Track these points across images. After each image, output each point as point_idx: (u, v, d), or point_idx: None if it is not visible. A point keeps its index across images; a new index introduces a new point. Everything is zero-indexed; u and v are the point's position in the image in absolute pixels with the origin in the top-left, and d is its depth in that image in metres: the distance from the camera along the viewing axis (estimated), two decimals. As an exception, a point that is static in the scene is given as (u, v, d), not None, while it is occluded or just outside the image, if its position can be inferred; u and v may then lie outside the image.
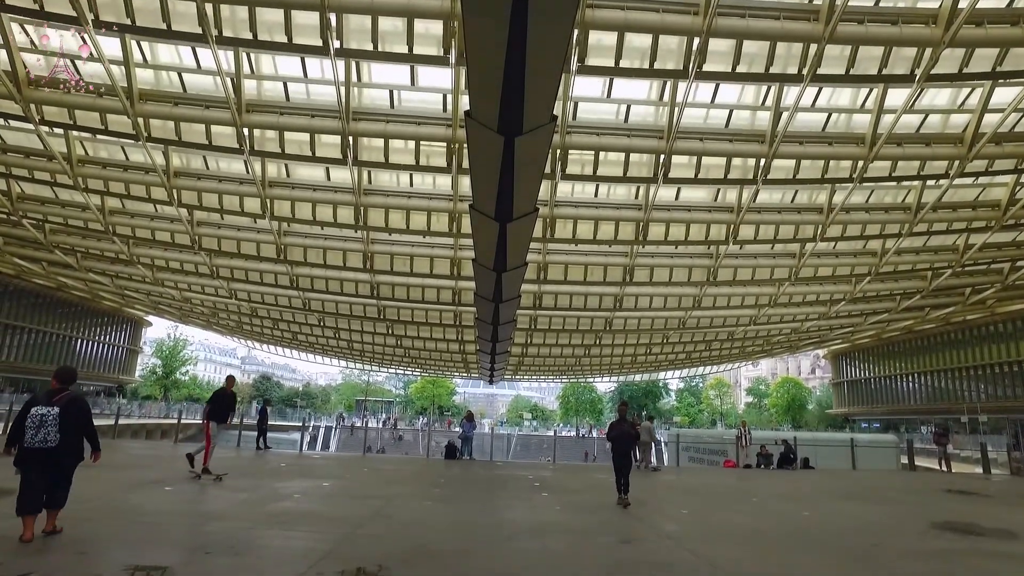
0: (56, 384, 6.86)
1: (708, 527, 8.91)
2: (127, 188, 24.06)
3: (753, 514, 10.53)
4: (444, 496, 11.36)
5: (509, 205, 15.20)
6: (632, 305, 34.90)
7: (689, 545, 7.26)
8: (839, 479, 18.32)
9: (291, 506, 9.01)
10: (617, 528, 8.46)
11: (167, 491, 9.83)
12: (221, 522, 7.49)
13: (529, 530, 8.04)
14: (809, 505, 11.71)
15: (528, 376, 75.80)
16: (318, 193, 23.80)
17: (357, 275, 31.70)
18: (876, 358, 67.72)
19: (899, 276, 32.60)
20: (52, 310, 56.69)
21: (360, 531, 7.39)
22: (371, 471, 15.90)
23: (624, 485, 10.54)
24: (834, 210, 23.42)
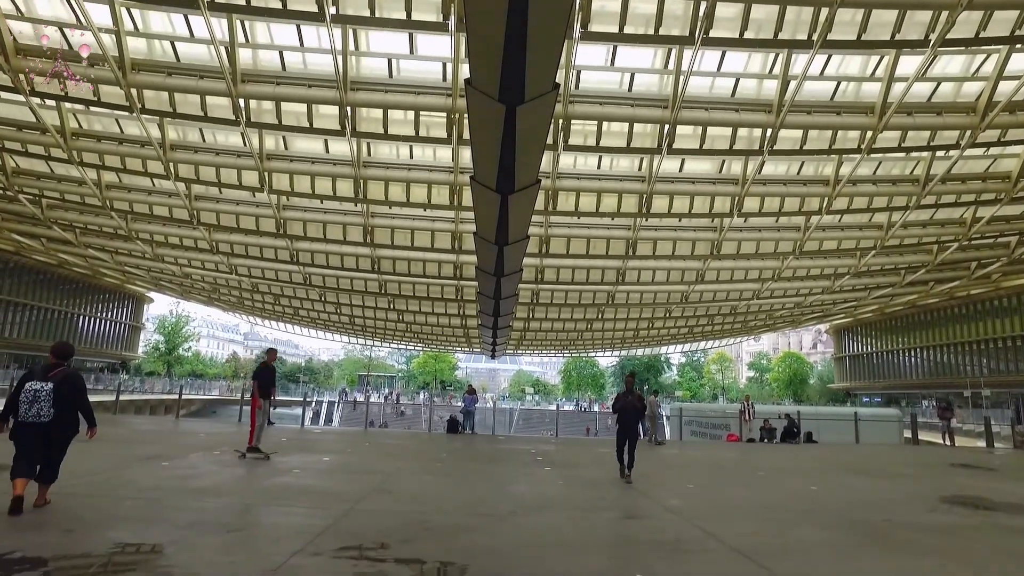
0: (53, 360, 6.88)
1: (714, 502, 8.75)
2: (123, 162, 23.70)
3: (760, 488, 10.38)
4: (445, 471, 11.22)
5: (511, 177, 14.93)
6: (635, 279, 34.62)
7: (696, 520, 7.09)
8: (843, 453, 18.21)
9: (290, 481, 8.85)
10: (621, 503, 8.30)
11: (164, 466, 9.68)
12: (217, 498, 7.33)
13: (532, 505, 7.89)
14: (816, 479, 11.55)
15: (530, 351, 75.87)
16: (317, 166, 23.43)
17: (357, 249, 31.42)
18: (878, 332, 67.63)
19: (904, 250, 32.26)
20: (54, 287, 56.62)
21: (360, 507, 7.22)
22: (372, 446, 15.79)
23: (629, 460, 10.27)
24: (840, 182, 23.02)
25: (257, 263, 35.62)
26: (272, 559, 4.84)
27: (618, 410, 10.59)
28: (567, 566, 5.06)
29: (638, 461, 10.15)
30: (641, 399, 11.00)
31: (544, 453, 15.39)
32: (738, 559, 5.44)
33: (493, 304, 29.48)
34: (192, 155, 23.13)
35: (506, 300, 29.01)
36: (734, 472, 12.80)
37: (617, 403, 10.75)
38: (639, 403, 10.73)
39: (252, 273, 38.12)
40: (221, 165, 23.67)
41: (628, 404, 10.49)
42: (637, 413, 10.69)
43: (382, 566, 4.83)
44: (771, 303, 42.99)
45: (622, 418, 10.47)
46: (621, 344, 64.27)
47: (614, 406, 10.81)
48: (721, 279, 35.47)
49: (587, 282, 34.59)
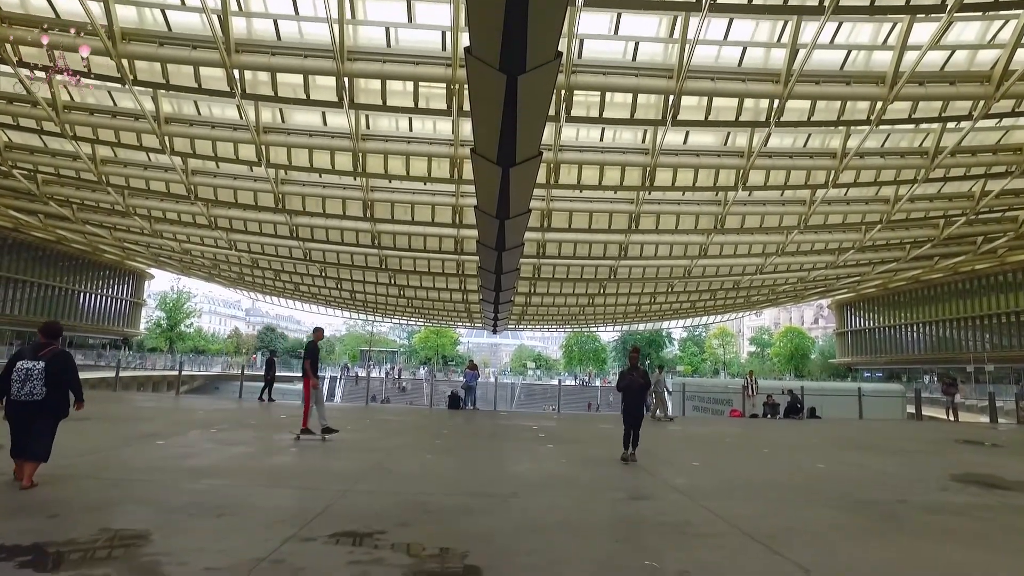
0: (43, 339, 6.92)
1: (721, 480, 8.54)
2: (117, 136, 23.32)
3: (766, 466, 10.19)
4: (446, 448, 11.03)
5: (512, 149, 14.64)
6: (637, 253, 34.31)
7: (703, 501, 6.89)
8: (848, 429, 18.04)
9: (287, 461, 8.66)
10: (626, 482, 8.09)
11: (159, 445, 9.49)
12: (211, 479, 7.12)
13: (534, 484, 7.69)
14: (822, 456, 11.37)
15: (532, 326, 75.77)
16: (314, 139, 23.04)
17: (357, 224, 31.11)
18: (881, 308, 67.47)
19: (910, 224, 31.89)
20: (54, 264, 56.44)
21: (357, 487, 7.03)
22: (373, 422, 15.61)
23: (633, 439, 9.79)
24: (848, 155, 22.62)
25: (256, 238, 35.32)
26: (263, 545, 4.63)
27: (623, 388, 10.03)
28: (572, 551, 4.86)
29: (642, 439, 9.92)
30: (646, 375, 10.30)
31: (546, 429, 15.22)
32: (749, 544, 5.24)
33: (494, 279, 29.23)
34: (188, 128, 22.73)
35: (507, 275, 28.76)
36: (739, 449, 12.62)
37: (622, 381, 10.10)
38: (644, 379, 10.09)
39: (252, 249, 37.83)
40: (217, 139, 23.29)
41: (633, 382, 9.90)
42: (643, 391, 10.21)
43: (378, 552, 4.63)
44: (774, 278, 42.71)
45: (628, 397, 9.95)
46: (623, 319, 64.09)
47: (619, 384, 10.19)
48: (724, 254, 35.15)
49: (589, 256, 34.30)
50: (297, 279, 46.94)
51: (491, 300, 38.00)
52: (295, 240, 34.38)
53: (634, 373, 10.01)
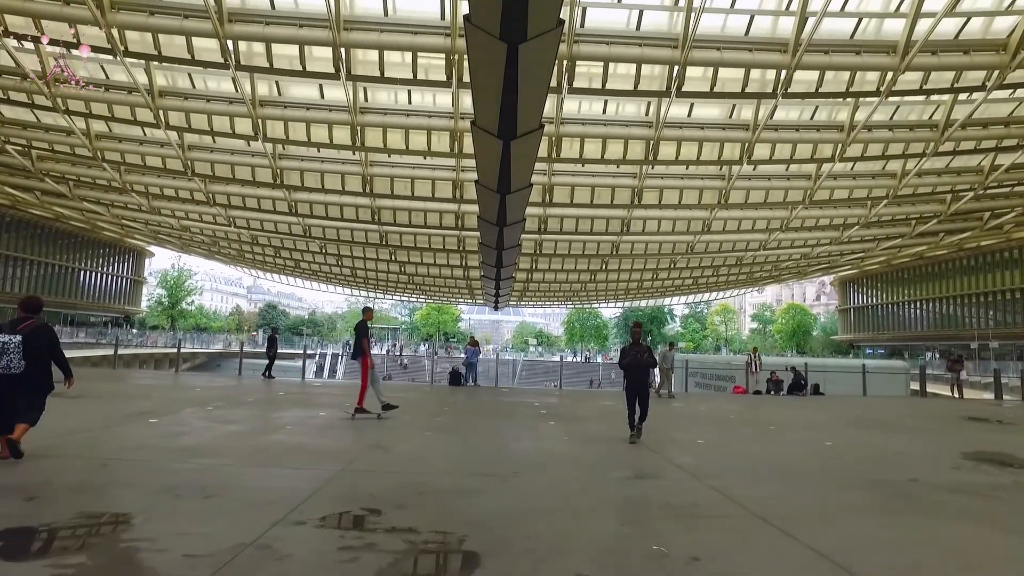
0: (22, 313, 6.89)
1: (728, 459, 8.32)
2: (110, 110, 22.91)
3: (773, 444, 9.97)
4: (446, 426, 10.80)
5: (513, 121, 14.33)
6: (640, 229, 33.95)
7: (710, 480, 6.66)
8: (853, 406, 17.82)
9: (281, 439, 8.42)
10: (630, 461, 7.86)
11: (151, 423, 9.26)
12: (201, 459, 6.89)
13: (535, 464, 7.47)
14: (830, 434, 11.13)
15: (533, 302, 75.56)
16: (312, 112, 22.62)
17: (357, 199, 30.75)
18: (884, 284, 67.15)
19: (917, 199, 31.49)
20: (53, 241, 56.13)
21: (352, 467, 6.79)
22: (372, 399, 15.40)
23: (640, 417, 9.38)
24: (856, 128, 22.17)
25: (255, 215, 34.98)
26: (249, 529, 4.40)
27: (625, 366, 9.56)
28: (575, 535, 4.63)
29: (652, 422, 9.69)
30: (650, 351, 9.75)
31: (548, 406, 15.03)
32: (761, 527, 5.01)
33: (496, 255, 28.95)
34: (182, 102, 22.32)
35: (509, 250, 28.46)
36: (744, 426, 12.40)
37: (624, 358, 9.65)
38: (648, 356, 9.60)
39: (251, 225, 37.48)
40: (213, 112, 22.88)
41: (637, 358, 9.46)
42: (646, 369, 9.69)
43: (371, 537, 4.39)
44: (778, 254, 42.37)
45: (630, 374, 9.53)
46: (625, 295, 63.85)
47: (620, 361, 9.74)
48: (728, 229, 34.79)
49: (591, 232, 33.96)
50: (297, 256, 46.67)
51: (492, 276, 37.74)
52: (294, 216, 34.05)
53: (637, 349, 9.58)
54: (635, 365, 9.47)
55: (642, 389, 9.51)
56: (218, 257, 57.07)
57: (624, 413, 9.53)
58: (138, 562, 3.77)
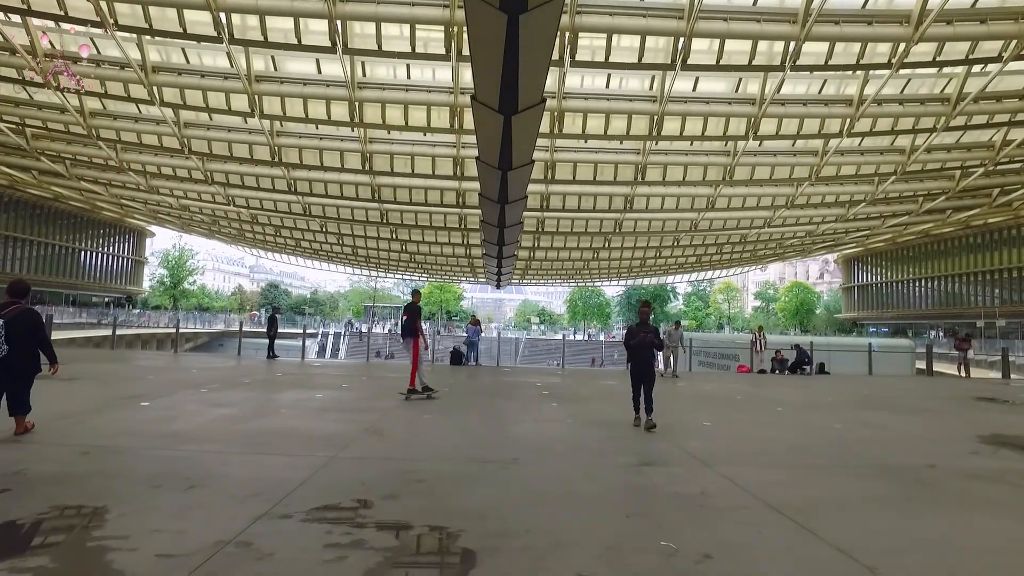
0: (8, 297, 6.93)
1: (737, 443, 8.01)
2: (103, 86, 22.45)
3: (781, 426, 9.65)
4: (445, 408, 10.48)
5: (514, 95, 13.97)
6: (643, 206, 33.54)
7: (720, 467, 6.37)
8: (859, 385, 17.51)
9: (274, 423, 8.12)
10: (636, 445, 7.55)
11: (142, 407, 8.98)
12: (189, 445, 6.60)
13: (537, 449, 7.18)
14: (839, 416, 10.83)
15: (535, 280, 75.15)
16: (309, 88, 22.18)
17: (356, 177, 30.37)
18: (888, 262, 66.68)
19: (925, 176, 31.01)
20: (53, 222, 55.84)
21: (345, 454, 6.49)
22: (371, 379, 15.16)
23: (646, 402, 8.80)
24: (865, 102, 21.68)
25: (254, 193, 34.65)
26: (230, 525, 4.12)
27: (632, 347, 8.96)
28: (577, 529, 4.34)
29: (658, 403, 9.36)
30: (657, 332, 9.21)
31: (550, 386, 14.75)
32: (776, 519, 4.72)
33: (497, 232, 28.63)
34: (176, 78, 21.88)
35: (511, 228, 28.13)
36: (752, 408, 12.09)
37: (631, 338, 9.03)
38: (656, 338, 9.04)
39: (250, 204, 37.14)
40: (208, 88, 22.44)
41: (644, 340, 8.88)
42: (653, 349, 9.05)
43: (360, 533, 4.11)
44: (782, 231, 41.95)
45: (636, 356, 8.94)
46: (628, 274, 63.52)
47: (626, 341, 9.13)
48: (732, 206, 34.37)
49: (594, 209, 33.55)
50: (298, 235, 46.34)
51: (494, 255, 37.42)
52: (293, 195, 33.68)
53: (644, 330, 8.98)
54: (641, 346, 8.92)
55: (647, 372, 8.92)
56: (218, 236, 56.73)
57: (629, 395, 9.23)
58: (105, 564, 3.48)
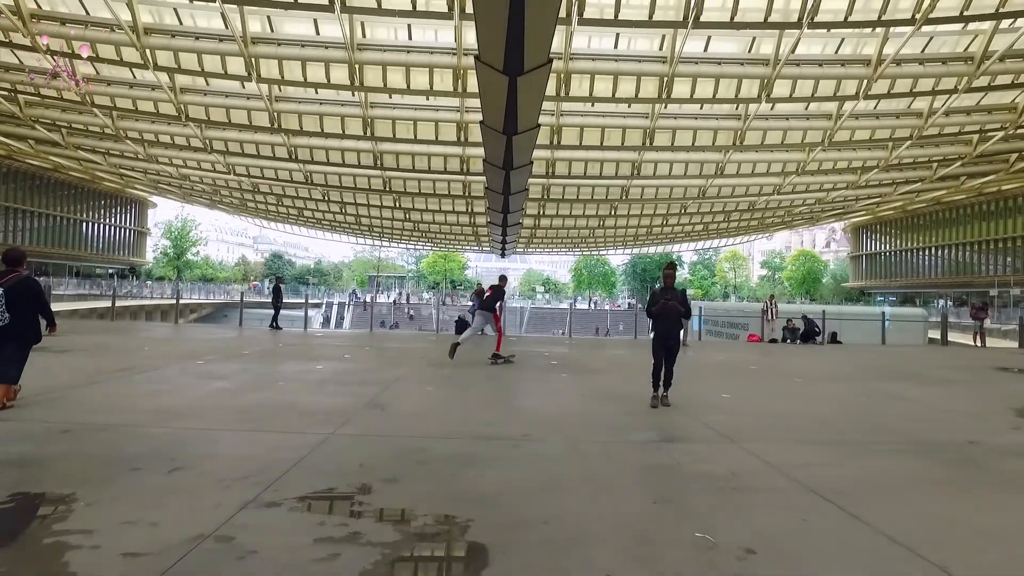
0: (5, 266, 6.96)
1: (760, 417, 7.48)
2: (94, 49, 21.70)
3: (803, 399, 9.16)
4: (450, 379, 10.07)
5: (519, 55, 13.34)
6: (651, 172, 32.83)
7: (747, 443, 5.92)
8: (875, 355, 17.00)
9: (270, 398, 7.68)
10: (654, 420, 7.06)
11: (133, 380, 8.60)
12: (178, 422, 6.16)
13: (548, 424, 6.73)
14: (860, 387, 10.35)
15: (540, 249, 74.43)
16: (307, 50, 21.44)
17: (358, 144, 29.70)
18: (898, 231, 65.73)
19: (941, 141, 30.18)
20: (54, 192, 55.28)
21: (343, 430, 6.05)
22: (374, 350, 14.74)
23: (666, 377, 8.00)
24: (884, 62, 20.85)
25: (255, 161, 33.98)
26: (212, 514, 3.68)
27: (655, 314, 7.97)
28: (599, 519, 3.88)
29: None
30: (685, 298, 8.13)
31: (559, 356, 14.33)
32: (818, 504, 4.26)
33: (502, 200, 28.03)
34: (170, 40, 21.13)
35: (516, 195, 27.51)
36: (769, 378, 11.62)
37: (653, 304, 8.02)
38: (683, 304, 8.04)
39: (250, 172, 36.49)
40: (203, 51, 21.71)
41: (668, 306, 7.90)
42: (680, 318, 8.13)
43: (357, 524, 3.66)
44: (791, 199, 41.18)
45: (660, 324, 8.02)
46: (634, 242, 62.78)
47: (649, 308, 8.16)
48: (742, 172, 33.66)
49: (600, 176, 32.86)
50: (300, 204, 45.69)
51: (499, 223, 36.83)
52: (294, 163, 33.05)
53: (669, 295, 7.97)
54: (666, 312, 7.96)
55: (672, 342, 8.04)
56: (220, 207, 56.12)
57: (641, 366, 8.80)
58: (59, 567, 3.02)
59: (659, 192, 37.63)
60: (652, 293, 8.34)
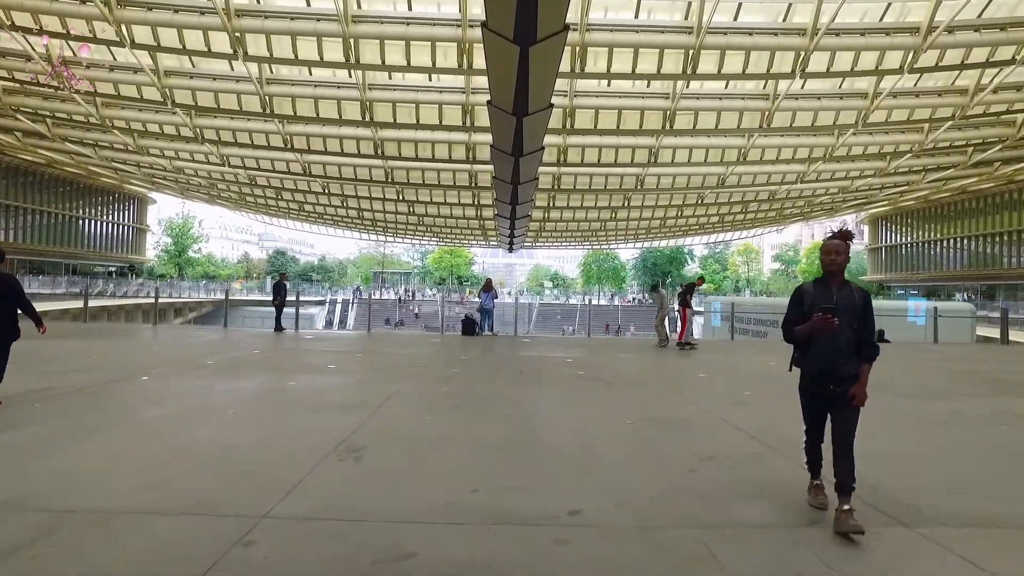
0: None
1: (897, 464, 5.34)
2: (63, 24, 19.86)
3: (924, 428, 6.96)
4: (455, 400, 7.94)
5: (532, 19, 11.58)
6: (668, 159, 30.84)
7: (927, 529, 3.88)
8: (947, 358, 14.63)
9: (204, 439, 5.63)
10: (761, 474, 4.98)
11: (34, 410, 6.71)
12: (39, 499, 4.21)
13: (602, 487, 4.53)
14: (977, 407, 8.03)
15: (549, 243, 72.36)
16: (297, 23, 19.56)
17: (357, 131, 27.84)
18: (919, 222, 63.40)
19: (982, 122, 28.09)
20: (50, 189, 53.52)
21: (283, 511, 3.92)
22: (369, 356, 12.82)
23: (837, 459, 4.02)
24: (936, 29, 18.82)
25: (250, 152, 32.22)
26: None
27: (802, 337, 4.15)
28: None
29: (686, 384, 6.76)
30: (864, 296, 4.20)
31: (583, 364, 12.30)
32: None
33: (511, 190, 26.18)
34: (146, 14, 19.27)
35: (525, 185, 25.66)
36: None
37: (799, 306, 4.25)
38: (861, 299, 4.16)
39: (246, 164, 34.68)
40: (183, 25, 19.84)
41: (829, 324, 3.95)
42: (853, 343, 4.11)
43: None
44: (814, 188, 39.14)
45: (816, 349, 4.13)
46: (645, 235, 60.80)
47: (789, 319, 4.29)
48: (765, 159, 31.68)
49: (615, 163, 30.89)
50: (300, 198, 43.90)
51: (507, 215, 34.92)
52: (291, 152, 31.27)
53: (834, 295, 4.14)
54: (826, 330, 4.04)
55: (841, 386, 4.09)
56: (220, 202, 54.37)
57: (697, 376, 6.75)
58: None
59: (676, 181, 35.62)
60: (800, 292, 4.35)
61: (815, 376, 4.18)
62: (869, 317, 4.12)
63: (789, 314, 4.31)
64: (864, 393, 4.02)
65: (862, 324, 4.09)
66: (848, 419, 4.04)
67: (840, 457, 3.98)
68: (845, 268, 4.23)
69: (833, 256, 4.19)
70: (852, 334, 4.07)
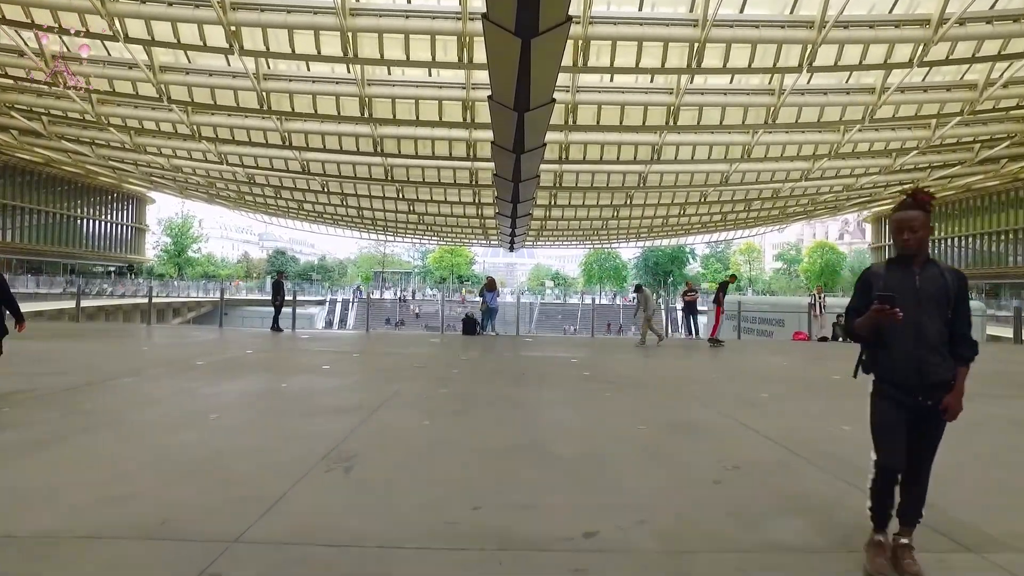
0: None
1: (980, 486, 4.61)
2: (55, 16, 19.45)
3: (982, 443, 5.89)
4: (455, 403, 7.49)
5: (534, 10, 11.28)
6: (672, 156, 30.46)
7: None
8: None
9: (189, 444, 5.19)
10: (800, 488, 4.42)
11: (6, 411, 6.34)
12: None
13: (622, 503, 4.02)
14: (993, 405, 7.83)
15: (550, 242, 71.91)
16: (294, 16, 19.17)
17: (356, 128, 27.46)
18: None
19: (991, 118, 27.69)
20: (47, 188, 53.21)
21: (258, 532, 3.43)
22: (366, 357, 12.41)
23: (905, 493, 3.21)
24: (947, 22, 18.40)
25: (248, 150, 31.85)
26: None
27: (867, 328, 3.12)
28: None
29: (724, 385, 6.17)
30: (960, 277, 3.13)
31: (588, 364, 11.89)
32: None
33: (512, 188, 25.82)
34: (139, 7, 18.86)
35: (526, 183, 25.29)
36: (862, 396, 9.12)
37: (865, 293, 3.18)
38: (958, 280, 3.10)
39: (244, 162, 34.32)
40: (177, 19, 19.43)
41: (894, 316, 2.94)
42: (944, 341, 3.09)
43: None
44: (817, 185, 38.81)
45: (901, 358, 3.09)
46: (648, 234, 60.41)
47: (855, 306, 3.25)
48: (770, 156, 31.27)
49: (618, 160, 30.50)
50: (299, 196, 43.54)
51: (508, 213, 34.54)
52: (289, 150, 30.88)
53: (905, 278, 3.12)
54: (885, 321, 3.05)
55: (935, 394, 3.06)
56: (219, 201, 54.03)
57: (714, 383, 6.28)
58: None
59: (679, 179, 35.23)
60: (865, 277, 3.31)
61: (898, 384, 3.13)
62: (965, 306, 3.15)
63: (852, 303, 3.32)
64: (960, 405, 3.10)
65: (955, 315, 3.12)
66: (935, 437, 3.20)
67: (914, 479, 3.22)
68: (928, 245, 3.13)
69: (907, 236, 3.07)
70: (945, 327, 3.10)
